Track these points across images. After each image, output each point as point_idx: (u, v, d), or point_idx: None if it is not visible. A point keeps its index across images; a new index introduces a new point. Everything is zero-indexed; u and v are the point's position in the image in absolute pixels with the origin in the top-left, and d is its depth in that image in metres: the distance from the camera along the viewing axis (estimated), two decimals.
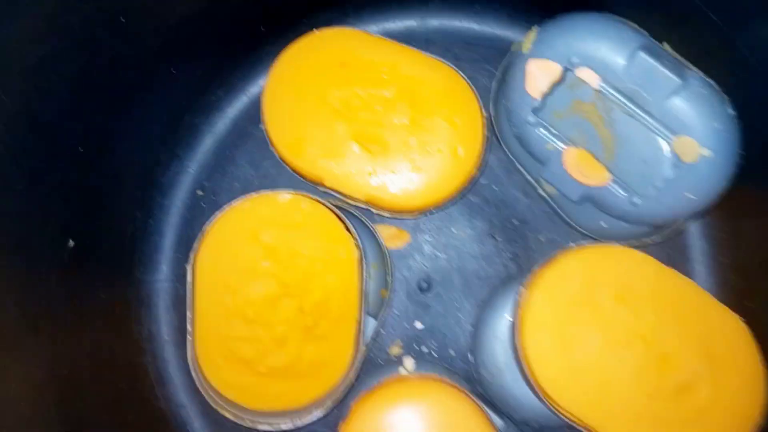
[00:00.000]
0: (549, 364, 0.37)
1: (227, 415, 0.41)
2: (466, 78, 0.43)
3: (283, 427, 0.42)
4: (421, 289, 0.47)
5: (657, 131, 0.39)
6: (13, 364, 0.35)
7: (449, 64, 0.43)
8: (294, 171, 0.43)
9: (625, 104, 0.39)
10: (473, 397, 0.40)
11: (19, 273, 0.35)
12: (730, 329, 0.38)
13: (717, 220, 0.45)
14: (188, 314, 0.40)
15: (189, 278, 0.40)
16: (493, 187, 0.47)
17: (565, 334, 0.37)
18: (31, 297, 0.36)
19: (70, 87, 0.35)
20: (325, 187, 0.43)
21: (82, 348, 0.40)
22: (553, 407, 0.37)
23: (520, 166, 0.45)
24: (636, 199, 0.40)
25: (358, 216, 0.45)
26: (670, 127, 0.38)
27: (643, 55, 0.38)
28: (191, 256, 0.40)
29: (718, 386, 0.37)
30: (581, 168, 0.42)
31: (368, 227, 0.46)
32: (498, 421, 0.41)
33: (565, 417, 0.37)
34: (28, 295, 0.36)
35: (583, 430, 0.38)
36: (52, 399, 0.37)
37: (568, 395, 0.37)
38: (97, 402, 0.40)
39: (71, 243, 0.39)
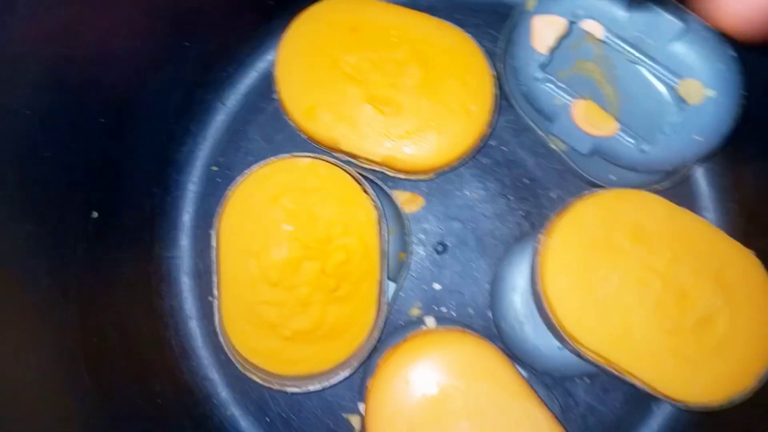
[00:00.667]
0: (570, 305, 0.38)
1: (255, 379, 0.41)
2: (472, 38, 0.44)
3: (311, 388, 0.42)
4: (437, 251, 0.48)
5: (661, 76, 0.40)
6: (47, 331, 0.35)
7: (455, 25, 0.44)
8: (309, 138, 0.44)
9: (630, 52, 0.41)
10: (496, 347, 0.41)
11: (49, 240, 0.36)
12: (744, 263, 0.39)
13: (722, 167, 0.46)
14: (213, 279, 0.41)
15: (213, 243, 0.41)
16: (503, 148, 0.48)
17: (584, 276, 0.38)
18: (61, 265, 0.37)
19: (90, 54, 0.36)
20: (341, 151, 0.43)
21: (108, 319, 0.41)
22: (577, 347, 0.38)
23: (530, 123, 0.46)
24: (645, 146, 0.41)
25: (374, 180, 0.46)
26: (674, 71, 0.40)
27: (645, 3, 0.39)
28: (214, 221, 0.41)
29: (736, 318, 0.38)
30: (590, 119, 0.43)
31: (385, 191, 0.46)
32: (522, 371, 0.42)
33: (589, 357, 0.38)
34: (57, 263, 0.36)
35: (603, 370, 0.38)
36: (84, 367, 0.37)
37: (591, 334, 0.38)
38: (126, 372, 0.41)
39: (95, 214, 0.40)
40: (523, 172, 0.48)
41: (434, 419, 0.38)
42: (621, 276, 0.38)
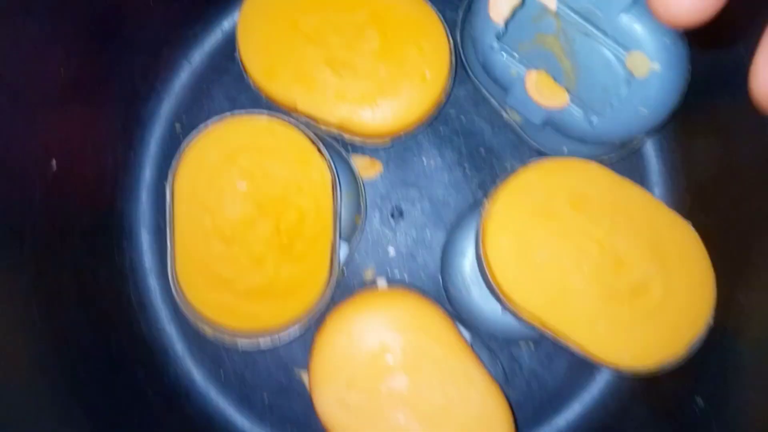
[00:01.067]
0: (509, 268, 0.39)
1: (207, 331, 0.43)
2: (432, 5, 0.44)
3: (263, 344, 0.44)
4: (393, 217, 0.49)
5: (611, 49, 0.41)
6: None
7: None
8: (268, 98, 0.45)
9: (582, 24, 0.41)
10: (441, 309, 0.42)
11: (3, 183, 0.37)
12: (681, 234, 0.40)
13: (671, 143, 0.47)
14: (167, 231, 0.42)
15: (168, 196, 0.42)
16: (461, 118, 0.49)
17: (524, 240, 0.39)
18: (15, 208, 0.37)
19: (54, 5, 0.37)
20: (298, 113, 0.44)
21: (65, 267, 0.42)
22: (515, 309, 0.39)
23: (486, 94, 0.47)
24: (593, 118, 0.42)
25: (331, 144, 0.47)
26: (622, 43, 0.40)
27: None
28: (169, 174, 0.42)
29: (670, 286, 0.39)
30: (541, 90, 0.44)
31: (342, 156, 0.47)
32: (466, 334, 0.43)
33: (526, 319, 0.39)
34: (11, 206, 0.37)
35: (542, 333, 0.40)
36: (36, 309, 0.38)
37: (528, 296, 0.39)
38: (81, 321, 0.42)
39: (54, 164, 0.41)
40: (480, 142, 0.49)
41: (374, 372, 0.39)
42: (560, 241, 0.39)
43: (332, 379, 0.40)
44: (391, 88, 0.44)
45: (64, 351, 0.39)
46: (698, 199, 0.45)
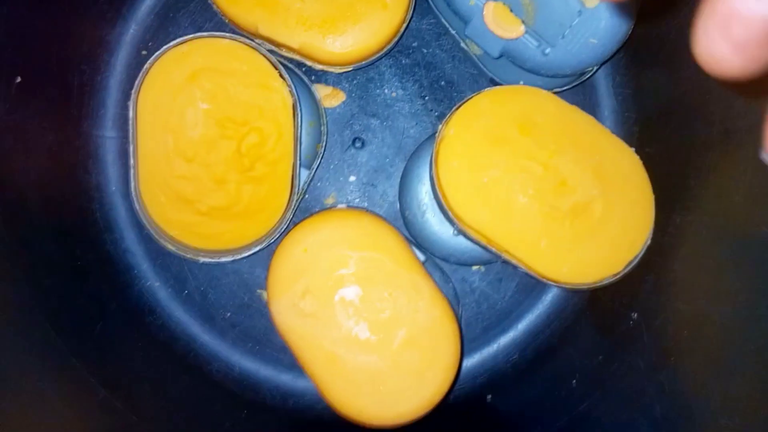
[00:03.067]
0: (458, 188, 0.41)
1: (168, 247, 0.44)
2: None
3: (223, 259, 0.45)
4: (354, 146, 0.50)
5: None
6: None
7: None
8: (231, 23, 0.46)
9: None
10: (396, 230, 0.44)
11: None
12: (623, 157, 0.42)
13: (622, 77, 0.49)
14: (130, 148, 0.43)
15: (131, 114, 0.43)
16: (423, 50, 0.51)
17: (473, 162, 0.41)
18: None
19: None
20: (260, 37, 0.45)
21: (29, 179, 0.43)
22: (463, 227, 0.41)
23: (447, 25, 0.48)
24: (547, 50, 0.44)
25: (294, 70, 0.48)
26: None
27: None
28: (132, 93, 0.43)
29: (610, 207, 0.41)
30: (498, 21, 0.45)
31: (305, 83, 0.49)
32: (420, 255, 0.45)
33: (474, 237, 0.41)
34: None
35: (489, 251, 0.42)
36: None
37: (475, 215, 0.41)
38: (45, 231, 0.43)
39: (18, 79, 0.41)
40: (441, 74, 0.50)
41: (328, 282, 0.42)
42: (506, 163, 0.41)
43: (288, 289, 0.42)
44: (352, 13, 0.45)
45: (25, 256, 0.41)
46: (645, 131, 0.47)
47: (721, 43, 0.16)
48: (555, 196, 0.41)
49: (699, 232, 0.41)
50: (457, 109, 0.43)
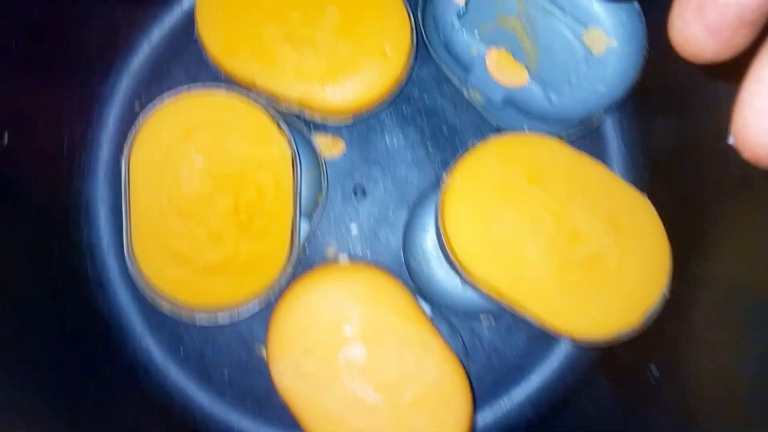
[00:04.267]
0: (467, 240, 0.39)
1: (164, 307, 0.42)
2: None
3: (221, 319, 0.43)
4: (355, 195, 0.49)
5: (570, 26, 0.41)
6: None
7: None
8: (227, 75, 0.45)
9: (541, 2, 0.42)
10: (401, 282, 0.42)
11: None
12: (636, 206, 0.40)
13: (630, 120, 0.48)
14: (123, 206, 0.41)
15: (123, 171, 0.41)
16: (424, 97, 0.49)
17: (481, 212, 0.40)
18: None
19: None
20: (257, 89, 0.44)
21: (18, 241, 0.41)
22: (473, 280, 0.39)
23: (448, 73, 0.47)
24: (553, 96, 0.43)
25: (293, 122, 0.47)
26: (580, 20, 0.41)
27: None
28: (125, 149, 0.41)
29: (625, 258, 0.40)
30: (502, 69, 0.44)
31: (303, 134, 0.47)
32: (426, 308, 0.43)
33: (484, 290, 0.39)
34: None
35: (500, 305, 0.40)
36: None
37: (485, 267, 0.39)
38: (33, 291, 0.41)
39: (6, 137, 0.40)
40: (443, 121, 0.49)
41: (331, 341, 0.39)
42: (516, 214, 0.40)
43: (289, 348, 0.40)
44: (352, 64, 0.44)
45: (14, 318, 0.38)
46: (656, 175, 0.46)
47: (695, 27, 0.16)
48: (568, 247, 0.39)
49: (719, 282, 0.39)
50: (462, 158, 0.41)
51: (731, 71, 0.18)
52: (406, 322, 0.40)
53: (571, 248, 0.39)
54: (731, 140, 0.17)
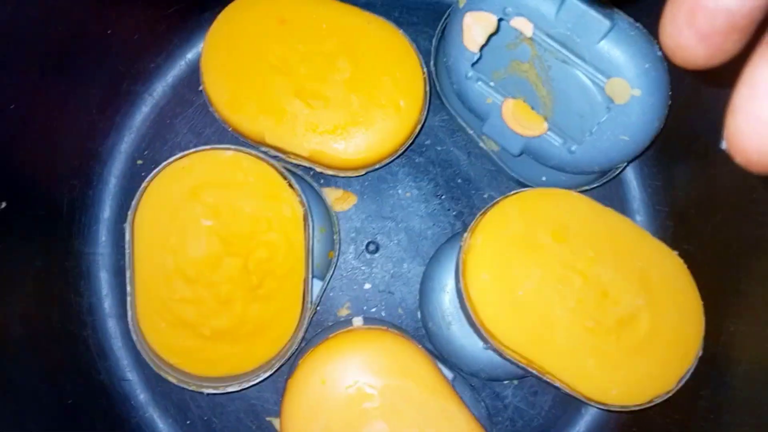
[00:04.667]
0: (491, 303, 0.37)
1: (170, 379, 0.40)
2: (403, 32, 0.43)
3: (230, 389, 0.41)
4: (368, 251, 0.47)
5: (590, 75, 0.40)
6: None
7: (387, 20, 0.43)
8: (235, 132, 0.43)
9: (559, 51, 0.40)
10: (420, 347, 0.40)
11: None
12: (668, 263, 0.39)
13: (652, 169, 0.46)
14: (127, 274, 0.39)
15: (127, 237, 0.39)
16: (437, 147, 0.48)
17: (505, 273, 0.38)
18: None
19: None
20: (267, 145, 0.42)
21: (12, 312, 0.39)
22: (497, 347, 0.37)
23: (462, 123, 0.46)
24: (573, 146, 0.41)
25: (302, 176, 0.45)
26: (601, 70, 0.39)
27: (573, 1, 0.39)
28: (129, 214, 0.39)
29: (658, 318, 0.38)
30: (519, 118, 0.43)
31: (314, 188, 0.45)
32: (447, 373, 0.41)
33: (509, 356, 0.37)
34: None
35: (527, 371, 0.38)
36: None
37: (510, 332, 0.37)
38: (33, 370, 0.39)
39: (3, 204, 0.38)
40: (457, 172, 0.47)
41: (350, 419, 0.37)
42: (542, 274, 0.38)
43: (305, 427, 0.37)
44: (365, 118, 0.42)
45: (10, 401, 0.36)
46: (681, 226, 0.44)
47: (686, 33, 0.17)
48: (597, 309, 0.37)
49: (757, 341, 0.37)
50: (482, 215, 0.39)
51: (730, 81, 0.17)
52: (427, 393, 0.37)
53: (601, 310, 0.37)
54: (724, 145, 0.17)
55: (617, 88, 0.39)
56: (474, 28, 0.42)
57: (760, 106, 0.15)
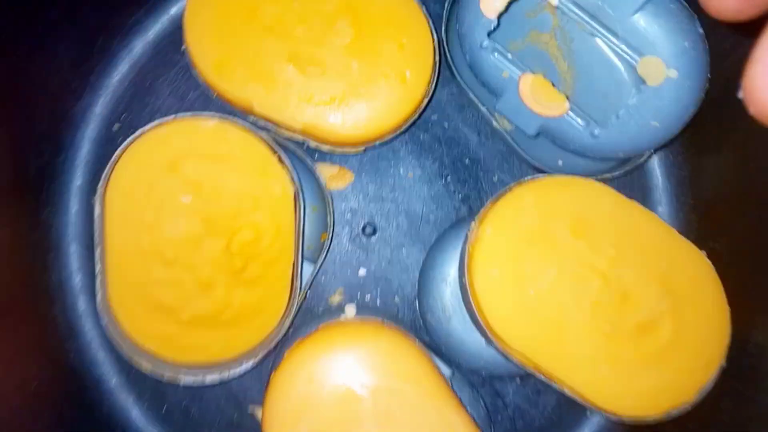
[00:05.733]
0: (499, 302, 0.34)
1: (144, 366, 0.37)
2: None
3: (209, 379, 0.37)
4: (365, 233, 0.43)
5: (620, 52, 0.36)
6: None
7: None
8: (221, 98, 0.39)
9: (589, 23, 0.36)
10: (417, 342, 0.36)
11: None
12: (694, 265, 0.35)
13: (679, 158, 0.42)
14: (96, 252, 0.36)
15: (97, 211, 0.35)
16: (444, 124, 0.44)
17: (516, 270, 0.34)
18: None
19: None
20: (255, 115, 0.38)
21: None
22: (504, 349, 0.34)
23: (473, 98, 0.41)
24: (596, 130, 0.37)
25: (294, 151, 0.41)
26: (634, 47, 0.35)
27: None
28: (99, 187, 0.35)
29: (681, 325, 0.34)
30: (538, 96, 0.38)
31: (306, 164, 0.41)
32: (445, 369, 0.38)
33: (516, 360, 0.34)
34: None
35: (535, 375, 0.34)
36: None
37: (519, 334, 0.34)
38: None
39: None
40: (465, 151, 0.43)
41: (339, 422, 0.34)
42: (557, 272, 0.34)
43: (290, 427, 0.34)
44: (366, 89, 0.38)
45: None
46: (707, 222, 0.41)
47: None
48: (616, 312, 0.34)
49: None
50: (493, 202, 0.36)
51: None
52: (424, 396, 0.34)
53: (620, 314, 0.34)
54: (740, 94, 0.17)
55: (651, 67, 0.35)
56: None
57: None
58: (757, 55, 0.16)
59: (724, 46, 0.36)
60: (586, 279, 0.34)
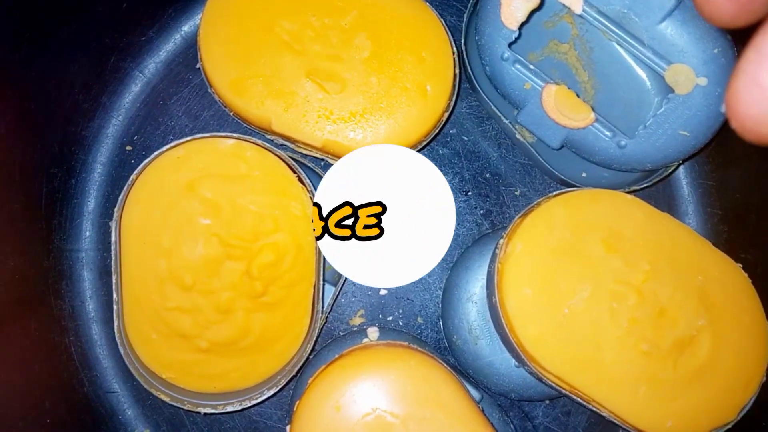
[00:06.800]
0: (532, 322, 0.32)
1: (163, 397, 0.35)
2: (432, 8, 0.38)
3: (230, 408, 0.36)
4: None
5: (647, 60, 0.35)
6: None
7: None
8: (237, 116, 0.38)
9: (612, 30, 0.35)
10: (446, 366, 0.35)
11: None
12: (731, 278, 0.34)
13: (705, 167, 0.41)
14: (113, 279, 0.34)
15: (114, 237, 0.34)
16: (464, 138, 0.43)
17: (549, 288, 0.33)
18: None
19: None
20: (274, 133, 0.37)
21: None
22: (538, 371, 0.33)
23: (494, 110, 0.40)
24: (623, 141, 0.36)
25: (313, 169, 0.40)
26: (661, 55, 0.34)
27: None
28: (116, 211, 0.34)
29: (720, 341, 0.33)
30: (562, 107, 0.37)
31: None
32: (474, 392, 0.37)
33: (550, 382, 0.33)
34: None
35: (570, 398, 0.33)
36: None
37: (554, 355, 0.32)
38: (7, 387, 0.34)
39: None
40: (485, 165, 0.42)
41: None
42: (591, 289, 0.33)
43: None
44: (386, 104, 0.37)
45: None
46: (737, 232, 0.40)
47: None
48: (654, 329, 0.33)
49: None
50: (522, 217, 0.34)
51: None
52: (456, 422, 0.33)
53: (658, 331, 0.33)
54: (723, 108, 0.16)
55: (680, 75, 0.34)
56: (514, 3, 0.36)
57: (763, 73, 0.15)
58: (741, 67, 0.16)
59: None
60: (621, 296, 0.33)
